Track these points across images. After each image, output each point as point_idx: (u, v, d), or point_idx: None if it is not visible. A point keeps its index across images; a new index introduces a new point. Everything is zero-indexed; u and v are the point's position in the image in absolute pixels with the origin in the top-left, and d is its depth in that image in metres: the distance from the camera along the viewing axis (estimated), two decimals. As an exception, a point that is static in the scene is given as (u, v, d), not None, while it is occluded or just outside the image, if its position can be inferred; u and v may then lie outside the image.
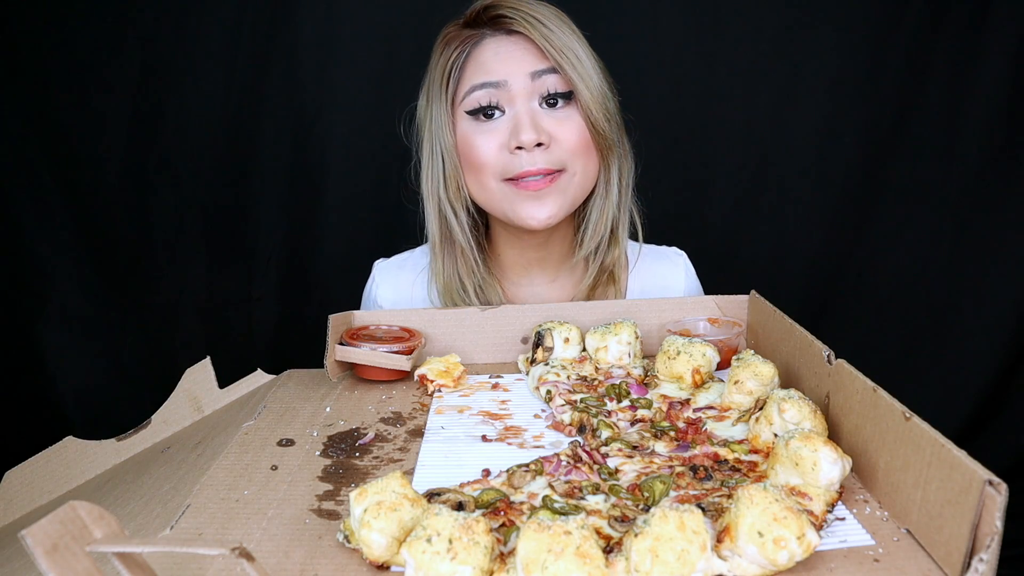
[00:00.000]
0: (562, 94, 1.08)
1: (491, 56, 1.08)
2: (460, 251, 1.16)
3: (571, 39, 1.08)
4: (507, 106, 1.08)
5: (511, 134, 1.06)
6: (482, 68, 1.08)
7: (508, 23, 1.08)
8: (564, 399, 0.85)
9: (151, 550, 0.47)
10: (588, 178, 1.12)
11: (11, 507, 0.92)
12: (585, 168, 1.10)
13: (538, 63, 1.07)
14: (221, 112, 1.97)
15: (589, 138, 1.09)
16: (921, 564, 0.55)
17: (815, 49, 2.03)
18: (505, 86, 1.07)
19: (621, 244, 1.19)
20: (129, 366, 2.04)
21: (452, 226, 1.15)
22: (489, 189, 1.10)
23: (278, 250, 2.06)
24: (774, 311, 0.92)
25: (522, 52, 1.08)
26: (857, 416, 0.68)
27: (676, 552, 0.51)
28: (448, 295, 1.19)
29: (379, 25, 1.96)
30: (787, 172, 2.11)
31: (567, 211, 1.12)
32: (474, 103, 1.08)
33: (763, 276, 2.01)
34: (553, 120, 1.08)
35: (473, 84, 1.08)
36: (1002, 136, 2.08)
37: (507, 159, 1.07)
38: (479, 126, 1.09)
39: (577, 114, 1.08)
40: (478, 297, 1.17)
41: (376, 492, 0.58)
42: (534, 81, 1.07)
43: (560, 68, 1.06)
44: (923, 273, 2.16)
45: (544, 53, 1.06)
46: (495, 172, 1.08)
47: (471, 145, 1.09)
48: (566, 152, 1.08)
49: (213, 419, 0.98)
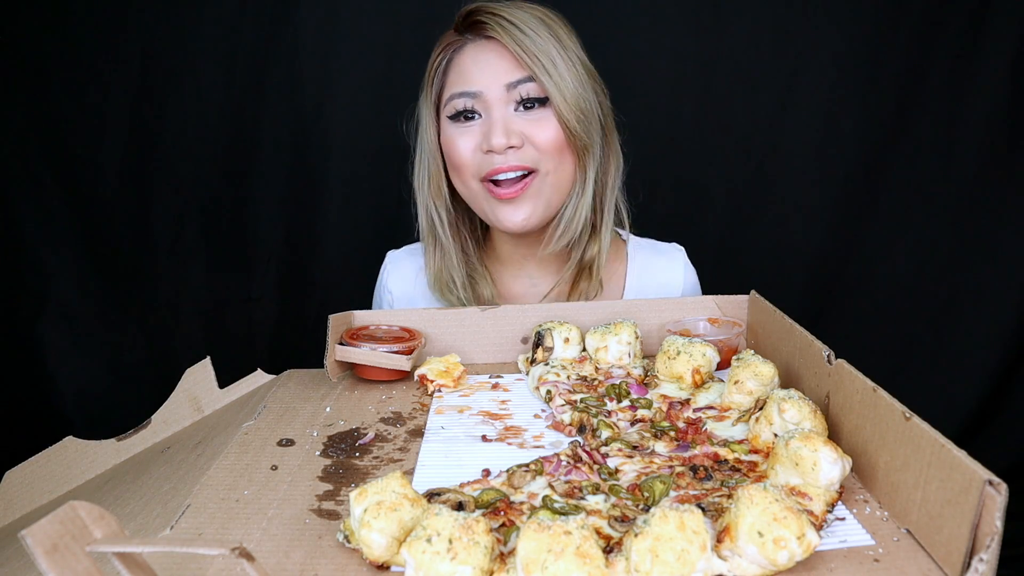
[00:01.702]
0: (537, 99, 1.11)
1: (470, 64, 1.12)
2: (444, 247, 1.21)
3: (548, 43, 1.09)
4: (483, 111, 1.12)
5: (483, 137, 1.10)
6: (461, 76, 1.13)
7: (485, 29, 1.11)
8: (564, 399, 0.85)
9: (151, 550, 0.47)
10: (563, 177, 1.14)
11: (11, 507, 0.91)
12: (558, 167, 1.13)
13: (513, 72, 1.10)
14: (221, 112, 1.97)
15: (562, 139, 1.12)
16: (921, 564, 0.55)
17: (815, 49, 2.03)
18: (481, 96, 1.11)
19: (601, 240, 1.20)
20: (129, 366, 2.04)
21: (435, 223, 1.20)
22: (470, 188, 1.15)
23: (278, 250, 2.06)
24: (774, 311, 0.92)
25: (498, 60, 1.11)
26: (857, 416, 0.68)
27: (676, 552, 0.51)
28: (438, 287, 1.23)
29: (379, 25, 1.96)
30: (787, 172, 2.11)
31: (544, 212, 1.14)
32: (452, 109, 1.13)
33: (763, 276, 2.01)
34: (526, 122, 1.11)
35: (452, 92, 1.13)
36: (1002, 136, 2.08)
37: (482, 159, 1.11)
38: (458, 128, 1.13)
39: (552, 116, 1.11)
40: (466, 290, 1.21)
41: (376, 492, 0.58)
42: (509, 91, 1.10)
43: (535, 76, 1.09)
44: (923, 273, 2.16)
45: (519, 61, 1.09)
46: (473, 172, 1.13)
47: (451, 146, 1.14)
48: (539, 152, 1.11)
49: (213, 419, 0.98)
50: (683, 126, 2.06)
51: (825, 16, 2.01)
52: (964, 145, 2.09)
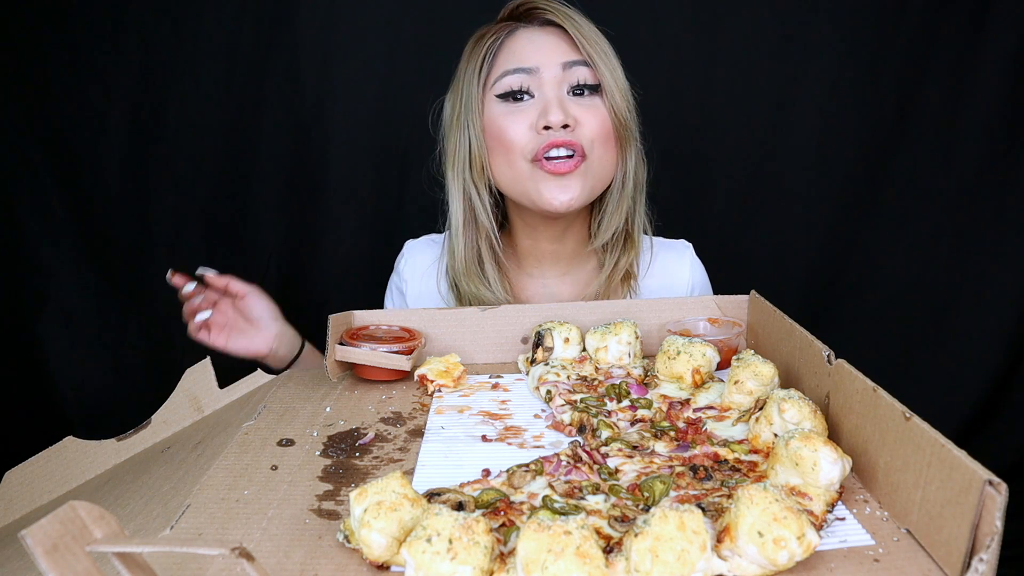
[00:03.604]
0: (590, 86, 1.13)
1: (525, 43, 1.14)
2: (483, 231, 1.20)
3: (597, 35, 1.14)
4: (536, 91, 1.12)
5: (540, 114, 1.10)
6: (515, 55, 1.13)
7: (542, 14, 1.14)
8: (564, 399, 0.85)
9: (151, 550, 0.47)
10: (606, 167, 1.16)
11: (11, 507, 0.92)
12: (603, 156, 1.14)
13: (570, 54, 1.12)
14: (221, 112, 1.97)
15: (611, 128, 1.14)
16: (921, 564, 0.55)
17: (815, 49, 2.03)
18: (537, 72, 1.12)
19: (637, 246, 1.22)
20: (129, 366, 2.04)
21: (476, 205, 1.19)
22: (516, 168, 1.13)
23: (278, 250, 2.06)
24: (774, 311, 0.92)
25: (555, 42, 1.13)
26: (857, 416, 0.68)
27: (676, 552, 0.51)
28: (466, 272, 1.21)
29: (379, 25, 1.95)
30: (787, 172, 2.11)
31: (587, 197, 1.15)
32: (505, 87, 1.13)
33: (763, 276, 2.01)
34: (579, 107, 1.12)
35: (505, 69, 1.13)
36: (1002, 136, 2.08)
37: (535, 137, 1.11)
38: (508, 107, 1.13)
39: (602, 105, 1.13)
40: (493, 278, 1.20)
41: (376, 492, 0.58)
42: (565, 71, 1.12)
43: (591, 61, 1.12)
44: (923, 273, 2.16)
45: (576, 45, 1.12)
46: (523, 152, 1.12)
47: (501, 126, 1.13)
48: (588, 138, 1.12)
49: (213, 419, 0.98)
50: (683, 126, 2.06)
51: (825, 16, 2.01)
52: (964, 145, 2.09)
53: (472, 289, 1.20)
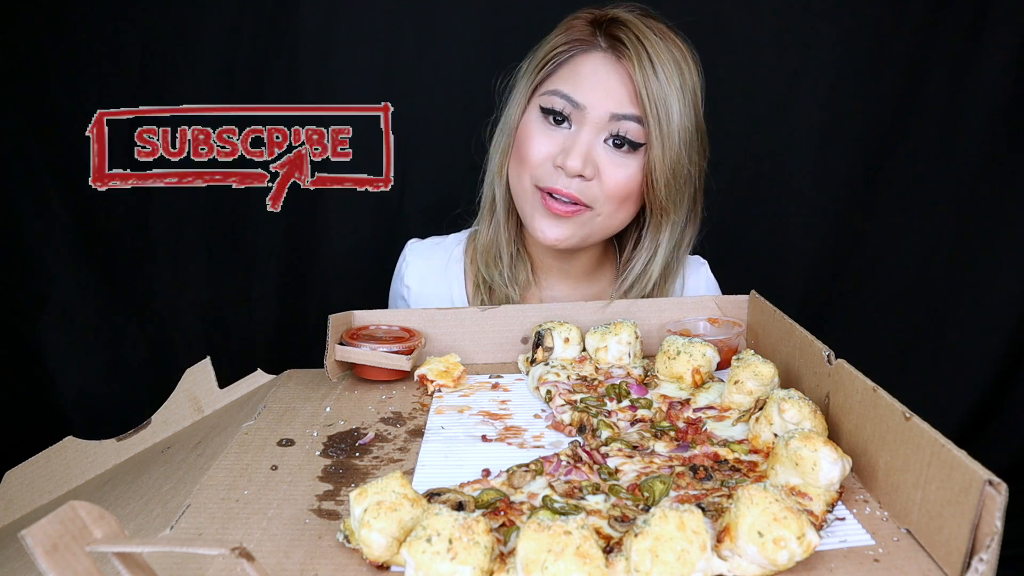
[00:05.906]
0: (632, 142, 1.07)
1: (589, 73, 1.07)
2: (499, 223, 1.19)
3: (672, 92, 1.05)
4: (575, 124, 1.08)
5: (562, 151, 1.06)
6: (575, 80, 1.08)
7: (620, 47, 1.06)
8: (564, 399, 0.85)
9: (151, 550, 0.47)
10: (613, 223, 1.13)
11: (11, 507, 0.91)
12: (612, 214, 1.11)
13: (625, 106, 1.06)
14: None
15: (633, 190, 1.09)
16: (921, 564, 0.55)
17: (815, 49, 2.03)
18: (583, 110, 1.06)
19: (667, 289, 1.20)
20: (129, 366, 2.04)
21: (496, 197, 1.18)
22: (522, 185, 1.12)
23: (278, 250, 2.06)
24: (774, 311, 0.92)
25: (618, 85, 1.06)
26: (857, 416, 0.68)
27: (676, 552, 0.51)
28: (484, 260, 1.21)
29: (379, 25, 1.95)
30: (787, 172, 2.11)
31: (581, 242, 1.13)
32: (549, 104, 1.08)
33: (763, 276, 2.00)
34: (609, 159, 1.07)
35: (559, 88, 1.08)
36: (1002, 136, 2.08)
37: (548, 170, 1.08)
38: (544, 125, 1.09)
39: (636, 165, 1.08)
40: (511, 268, 1.20)
41: (376, 492, 0.58)
42: (611, 121, 1.06)
43: (645, 119, 1.05)
44: (923, 273, 2.16)
45: (637, 98, 1.05)
46: (533, 174, 1.09)
47: (527, 135, 1.10)
48: (602, 193, 1.08)
49: (213, 419, 0.98)
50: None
51: (825, 16, 2.01)
52: (964, 145, 2.08)
53: (493, 275, 1.19)
